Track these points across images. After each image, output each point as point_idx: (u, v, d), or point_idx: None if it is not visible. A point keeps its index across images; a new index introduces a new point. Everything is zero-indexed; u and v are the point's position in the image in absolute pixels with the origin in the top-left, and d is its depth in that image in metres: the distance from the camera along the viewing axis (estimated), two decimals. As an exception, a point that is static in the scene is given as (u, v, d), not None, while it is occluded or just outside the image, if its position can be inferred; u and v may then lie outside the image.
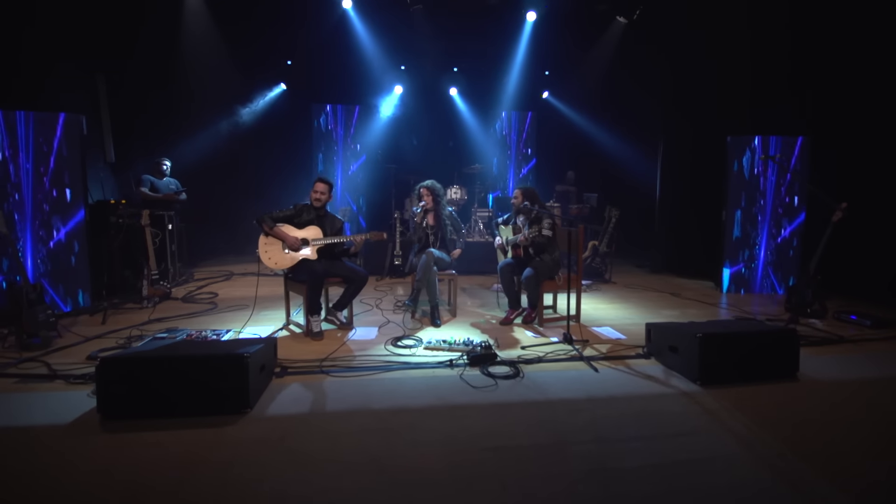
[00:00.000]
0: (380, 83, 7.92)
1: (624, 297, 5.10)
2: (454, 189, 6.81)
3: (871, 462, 1.97)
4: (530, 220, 3.92)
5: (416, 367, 2.89)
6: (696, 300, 4.88)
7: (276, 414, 2.30)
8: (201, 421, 2.21)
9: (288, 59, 7.73)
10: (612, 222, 5.94)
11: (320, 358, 3.00)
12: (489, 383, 2.65)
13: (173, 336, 3.38)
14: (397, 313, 4.22)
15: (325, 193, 3.67)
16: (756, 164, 5.18)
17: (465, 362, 2.92)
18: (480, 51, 7.66)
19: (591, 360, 2.98)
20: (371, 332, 3.63)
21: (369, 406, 2.39)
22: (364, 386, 2.62)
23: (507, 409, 2.38)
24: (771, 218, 5.24)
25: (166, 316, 4.09)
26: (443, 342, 3.24)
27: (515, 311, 3.92)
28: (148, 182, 5.80)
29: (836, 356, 3.19)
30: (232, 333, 3.53)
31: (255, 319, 3.98)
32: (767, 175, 5.19)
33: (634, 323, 3.98)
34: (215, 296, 4.97)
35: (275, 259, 3.52)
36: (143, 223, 4.69)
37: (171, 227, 5.69)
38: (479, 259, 6.30)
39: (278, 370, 2.80)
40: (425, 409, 2.36)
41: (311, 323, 3.43)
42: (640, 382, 2.72)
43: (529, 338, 3.54)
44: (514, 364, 2.90)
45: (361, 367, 2.88)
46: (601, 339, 3.53)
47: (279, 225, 3.53)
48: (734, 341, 2.71)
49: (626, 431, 2.20)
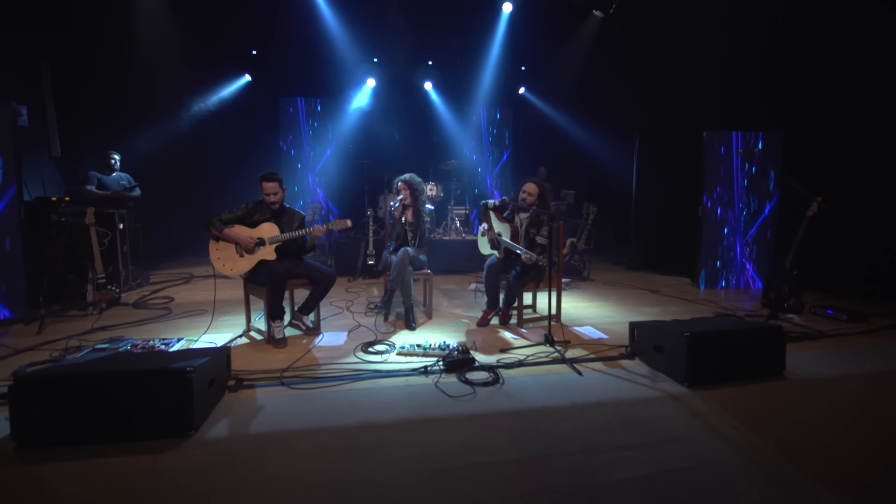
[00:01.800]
0: (351, 76, 7.61)
1: (603, 294, 4.99)
2: (430, 185, 6.58)
3: (866, 464, 1.88)
4: (531, 218, 3.66)
5: (388, 376, 2.66)
6: (674, 297, 4.82)
7: (226, 435, 2.03)
8: (136, 447, 1.92)
9: (253, 49, 7.32)
10: (590, 219, 5.84)
11: (281, 368, 2.73)
12: (467, 391, 2.45)
13: (115, 347, 3.04)
14: (369, 316, 3.97)
15: (276, 192, 3.32)
16: (734, 160, 5.15)
17: (441, 368, 2.71)
18: (456, 44, 7.45)
19: (573, 363, 2.82)
20: (340, 338, 3.37)
21: (334, 422, 2.14)
22: (329, 399, 2.37)
23: (487, 421, 2.18)
24: (746, 213, 5.23)
25: (112, 324, 3.72)
26: (417, 347, 3.01)
27: (493, 311, 3.72)
28: (94, 179, 5.36)
29: (818, 352, 3.13)
30: (184, 343, 3.20)
31: (213, 326, 3.66)
32: (743, 170, 5.18)
33: (616, 321, 3.85)
34: (170, 301, 4.60)
35: (230, 265, 3.21)
36: (88, 222, 4.28)
37: (123, 226, 5.26)
38: (457, 258, 6.09)
39: (232, 383, 2.51)
40: (397, 424, 2.13)
41: (273, 329, 3.15)
42: (627, 386, 2.57)
43: (509, 339, 3.35)
44: (494, 369, 2.70)
45: (327, 377, 2.63)
46: (583, 339, 3.38)
47: (230, 227, 3.22)
48: (721, 340, 2.60)
49: (614, 440, 2.04)
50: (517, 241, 3.62)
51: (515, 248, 3.53)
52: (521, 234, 3.69)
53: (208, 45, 6.90)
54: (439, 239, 6.30)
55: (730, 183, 5.18)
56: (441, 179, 6.91)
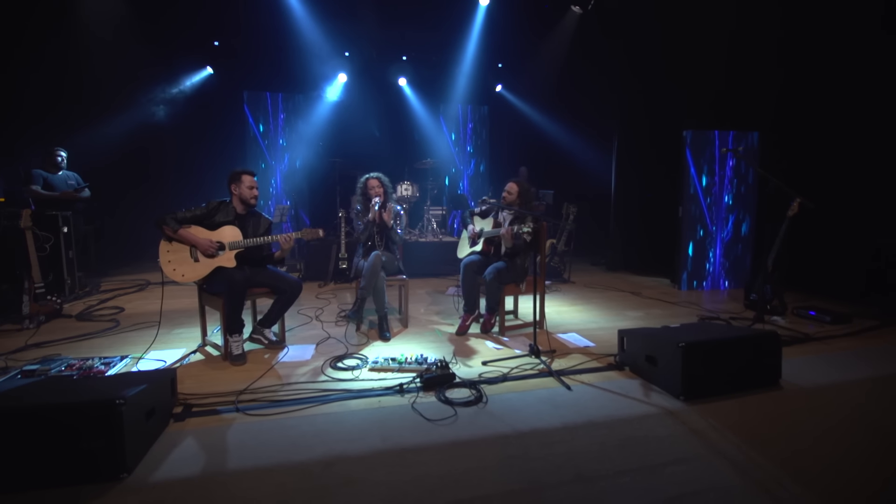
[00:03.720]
0: (321, 70, 7.26)
1: (585, 297, 4.85)
2: (405, 185, 6.31)
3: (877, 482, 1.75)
4: (515, 215, 3.53)
5: (359, 396, 2.39)
6: (657, 299, 4.71)
7: (166, 478, 1.73)
8: (56, 495, 1.61)
9: (215, 40, 6.88)
10: (569, 219, 5.71)
11: (238, 390, 2.43)
12: (447, 413, 2.21)
13: (46, 369, 2.67)
14: (340, 325, 3.69)
15: (258, 188, 3.08)
16: (715, 160, 5.09)
17: (419, 386, 2.46)
18: (430, 39, 7.20)
19: (561, 376, 2.62)
20: (307, 352, 3.07)
21: (296, 456, 1.86)
22: (291, 427, 2.09)
23: (470, 448, 1.94)
24: (725, 213, 5.19)
25: (49, 340, 3.31)
26: (392, 361, 2.76)
27: (471, 317, 3.49)
28: (40, 178, 4.87)
29: (809, 357, 3.04)
30: (127, 361, 2.85)
31: (165, 340, 3.30)
32: (724, 170, 5.13)
33: (601, 327, 3.69)
34: (120, 311, 4.19)
35: (181, 270, 2.87)
36: (24, 225, 3.84)
37: (68, 229, 4.80)
38: (433, 261, 5.85)
39: (179, 410, 2.20)
40: (368, 457, 1.87)
41: (231, 344, 2.83)
42: (619, 401, 2.38)
43: (491, 350, 3.13)
44: (476, 385, 2.47)
45: (289, 399, 2.34)
46: (569, 347, 3.19)
47: (186, 227, 2.88)
48: (717, 350, 2.44)
49: (610, 465, 1.85)
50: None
51: (497, 232, 3.45)
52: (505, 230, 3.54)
53: (166, 33, 6.42)
54: (415, 241, 6.04)
55: (710, 182, 5.13)
56: (416, 179, 6.65)
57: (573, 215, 5.68)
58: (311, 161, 7.51)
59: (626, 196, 6.47)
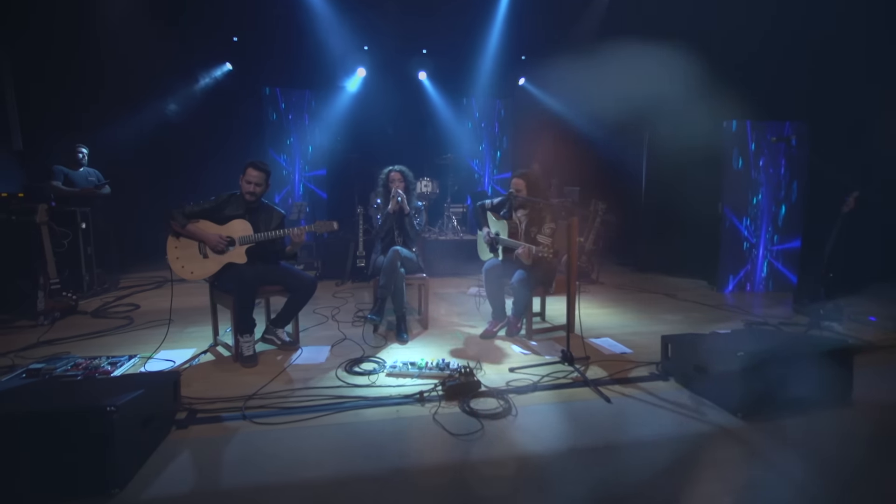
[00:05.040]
0: (340, 65, 7.11)
1: (616, 299, 4.54)
2: (425, 182, 6.09)
3: None
4: (530, 216, 3.24)
5: (376, 404, 2.19)
6: (695, 302, 4.38)
7: (160, 494, 1.55)
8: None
9: (234, 36, 6.81)
10: (598, 217, 5.40)
11: (247, 394, 2.25)
12: (473, 427, 1.98)
13: (52, 368, 2.55)
14: (357, 325, 3.50)
15: (260, 184, 2.86)
16: (763, 149, 4.69)
17: (440, 394, 2.24)
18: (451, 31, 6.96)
19: (598, 386, 2.36)
20: (321, 353, 2.89)
21: (304, 473, 1.67)
22: (301, 439, 1.89)
23: (500, 469, 1.71)
24: (771, 209, 4.80)
25: (61, 337, 3.23)
26: (411, 366, 2.55)
27: (500, 324, 3.25)
28: (60, 174, 4.84)
29: (877, 367, 2.70)
30: (135, 361, 2.72)
31: (176, 339, 3.18)
32: (769, 162, 4.74)
33: (636, 332, 3.40)
34: (135, 308, 4.10)
35: (190, 267, 2.72)
36: (39, 221, 3.79)
37: (86, 225, 4.76)
38: (454, 259, 5.62)
39: (183, 416, 2.03)
40: (384, 477, 1.66)
41: (241, 345, 2.66)
42: (667, 417, 2.11)
43: (518, 355, 2.89)
44: (503, 395, 2.24)
45: (300, 406, 2.15)
46: (603, 354, 2.92)
47: (195, 222, 2.73)
48: (779, 360, 2.15)
49: (661, 494, 1.59)
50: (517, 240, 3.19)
51: (514, 244, 3.13)
52: (521, 233, 3.26)
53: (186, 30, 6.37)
54: (435, 239, 5.83)
55: (755, 175, 4.75)
56: (436, 175, 6.43)
57: (602, 212, 5.38)
58: (329, 157, 7.38)
59: (657, 192, 6.11)
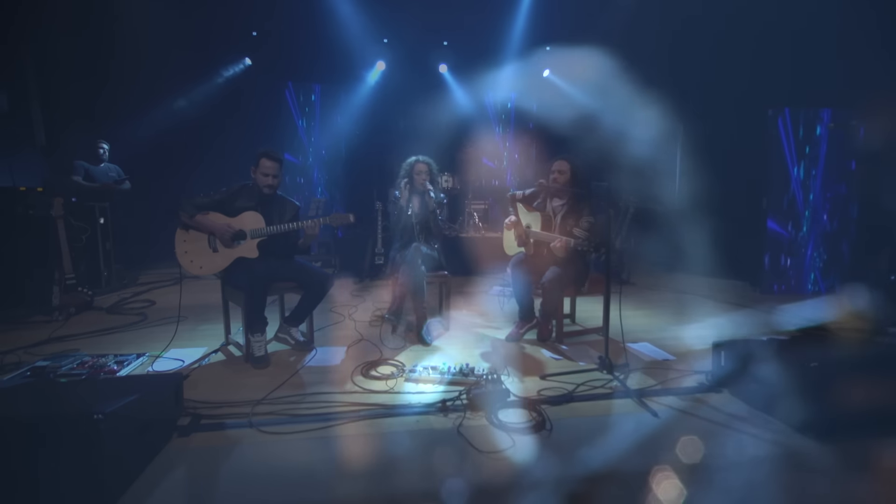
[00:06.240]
0: (359, 58, 6.97)
1: (650, 301, 4.25)
2: (444, 177, 5.90)
3: None
4: (569, 206, 2.98)
5: (394, 414, 1.99)
6: (737, 304, 4.05)
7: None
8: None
9: (253, 31, 6.74)
10: (629, 213, 5.10)
11: (256, 399, 2.08)
12: (503, 443, 1.76)
13: (57, 366, 2.44)
14: (374, 325, 3.31)
15: (277, 175, 2.71)
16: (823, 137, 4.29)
17: (464, 404, 2.02)
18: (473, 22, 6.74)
19: (643, 397, 2.11)
20: (337, 355, 2.71)
21: (313, 494, 1.48)
22: (311, 451, 1.71)
23: (537, 494, 1.49)
24: (821, 204, 4.41)
25: (73, 333, 3.14)
26: (432, 370, 2.34)
27: (528, 325, 3.01)
28: (81, 169, 4.82)
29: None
30: (143, 360, 2.59)
31: (188, 337, 3.05)
32: (819, 153, 4.36)
33: (676, 336, 3.12)
34: (151, 305, 4.01)
35: (199, 261, 2.57)
36: (55, 214, 3.73)
37: (104, 220, 4.73)
38: (476, 257, 5.40)
39: (186, 422, 1.87)
40: (404, 500, 1.46)
41: (252, 345, 2.50)
42: (724, 435, 1.84)
43: (548, 360, 2.66)
44: (537, 406, 2.01)
45: (311, 414, 1.96)
46: (643, 360, 2.66)
47: (204, 213, 2.58)
48: (857, 371, 1.86)
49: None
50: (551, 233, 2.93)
51: (549, 237, 2.86)
52: (556, 226, 2.98)
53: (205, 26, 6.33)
54: (456, 236, 5.62)
55: (803, 168, 4.37)
56: (457, 170, 6.23)
57: (634, 208, 5.07)
58: (348, 152, 7.26)
59: (691, 185, 5.75)
